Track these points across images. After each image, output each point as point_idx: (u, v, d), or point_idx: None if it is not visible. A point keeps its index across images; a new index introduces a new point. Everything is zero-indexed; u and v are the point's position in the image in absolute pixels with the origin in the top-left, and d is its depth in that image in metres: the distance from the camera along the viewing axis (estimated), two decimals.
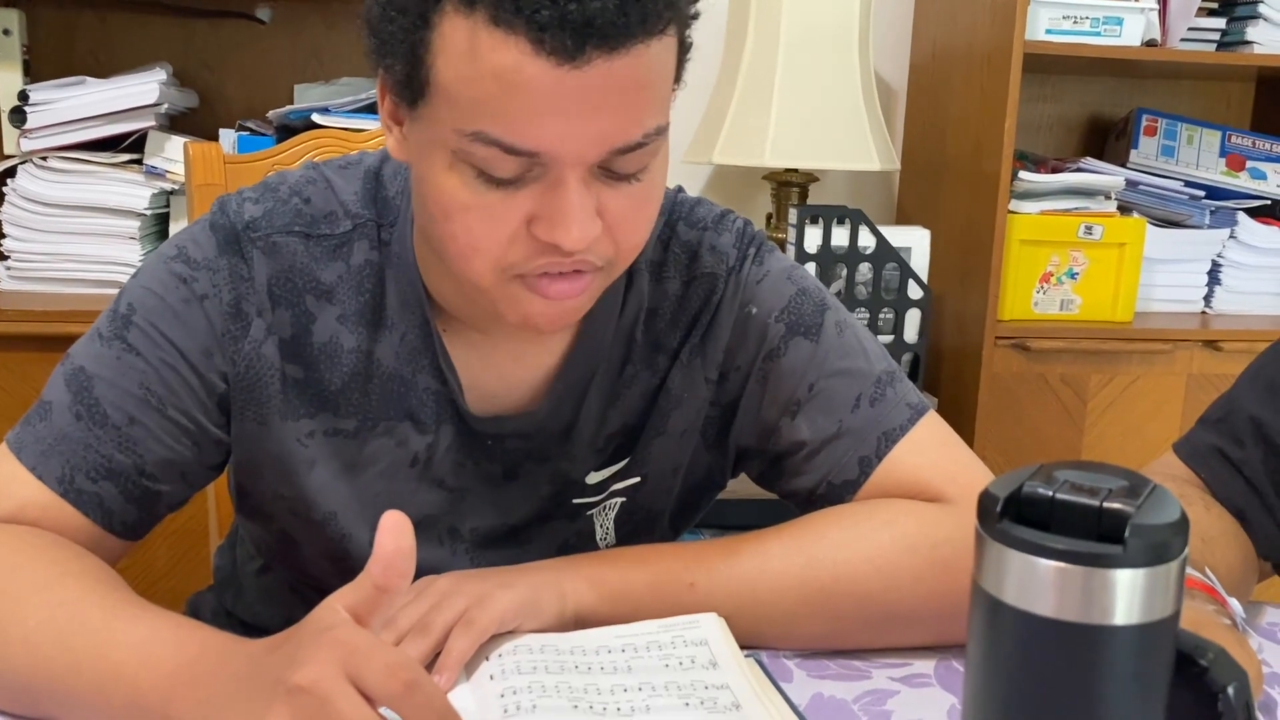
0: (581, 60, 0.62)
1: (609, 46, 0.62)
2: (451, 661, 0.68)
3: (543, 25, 0.61)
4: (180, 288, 0.76)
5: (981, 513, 0.46)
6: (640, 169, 0.68)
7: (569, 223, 0.66)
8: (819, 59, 1.91)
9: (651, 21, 0.63)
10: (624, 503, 0.87)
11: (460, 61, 0.64)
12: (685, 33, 0.69)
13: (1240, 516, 0.89)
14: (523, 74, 0.62)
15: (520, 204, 0.67)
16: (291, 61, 2.10)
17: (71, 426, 0.74)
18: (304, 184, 0.80)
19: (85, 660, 0.63)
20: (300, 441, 0.80)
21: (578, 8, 0.61)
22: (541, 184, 0.66)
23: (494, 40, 0.62)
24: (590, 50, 0.62)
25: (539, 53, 0.62)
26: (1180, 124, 2.23)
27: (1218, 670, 0.46)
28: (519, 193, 0.66)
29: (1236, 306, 2.16)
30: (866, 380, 0.83)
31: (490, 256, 0.68)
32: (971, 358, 2.00)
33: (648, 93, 0.66)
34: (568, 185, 0.66)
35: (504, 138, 0.64)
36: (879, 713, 0.71)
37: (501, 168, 0.65)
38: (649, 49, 0.64)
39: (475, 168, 0.66)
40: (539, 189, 0.66)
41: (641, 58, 0.64)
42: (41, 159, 1.78)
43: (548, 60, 0.62)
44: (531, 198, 0.67)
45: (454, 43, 0.64)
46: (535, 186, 0.66)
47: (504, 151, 0.64)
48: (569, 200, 0.66)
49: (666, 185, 0.88)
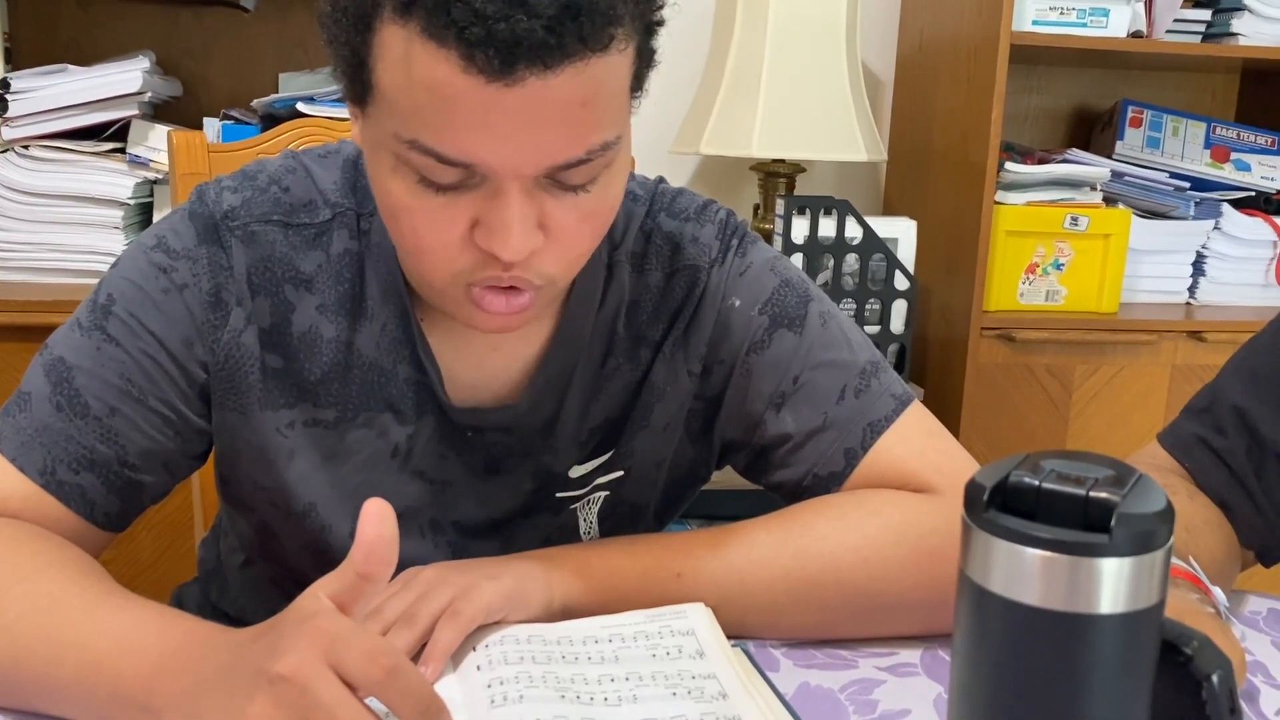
0: (512, 79, 0.60)
1: (542, 64, 0.60)
2: (438, 652, 0.68)
3: (472, 42, 0.59)
4: (160, 277, 0.75)
5: (968, 502, 0.46)
6: (589, 180, 0.67)
7: (508, 233, 0.65)
8: (806, 50, 1.91)
9: (592, 39, 0.61)
10: (608, 496, 0.87)
11: (396, 70, 0.63)
12: (648, 41, 0.68)
13: (1224, 506, 0.90)
14: (454, 88, 0.61)
15: (462, 209, 0.66)
16: (276, 50, 2.09)
17: (52, 417, 0.74)
18: (283, 173, 0.80)
19: (67, 651, 0.63)
20: (280, 431, 0.79)
21: (506, 26, 0.59)
22: (483, 191, 0.65)
23: (427, 52, 0.61)
24: (521, 69, 0.60)
25: (468, 69, 0.60)
26: (1165, 115, 2.24)
27: (1202, 659, 0.46)
28: (461, 198, 0.66)
29: (1220, 297, 2.17)
30: (851, 371, 0.83)
31: (437, 258, 0.68)
32: (957, 348, 2.00)
33: (590, 108, 0.64)
34: (508, 196, 0.65)
35: (437, 148, 0.63)
36: (865, 702, 0.71)
37: (440, 175, 0.65)
38: (590, 65, 0.62)
39: (416, 172, 0.65)
40: (481, 195, 0.66)
41: (582, 75, 0.62)
42: (23, 148, 1.77)
43: (478, 77, 0.60)
44: (474, 204, 0.66)
45: (391, 50, 0.63)
46: (477, 193, 0.65)
47: (439, 161, 0.64)
48: (508, 211, 0.65)
49: (647, 176, 0.88)
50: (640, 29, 0.66)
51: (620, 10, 0.63)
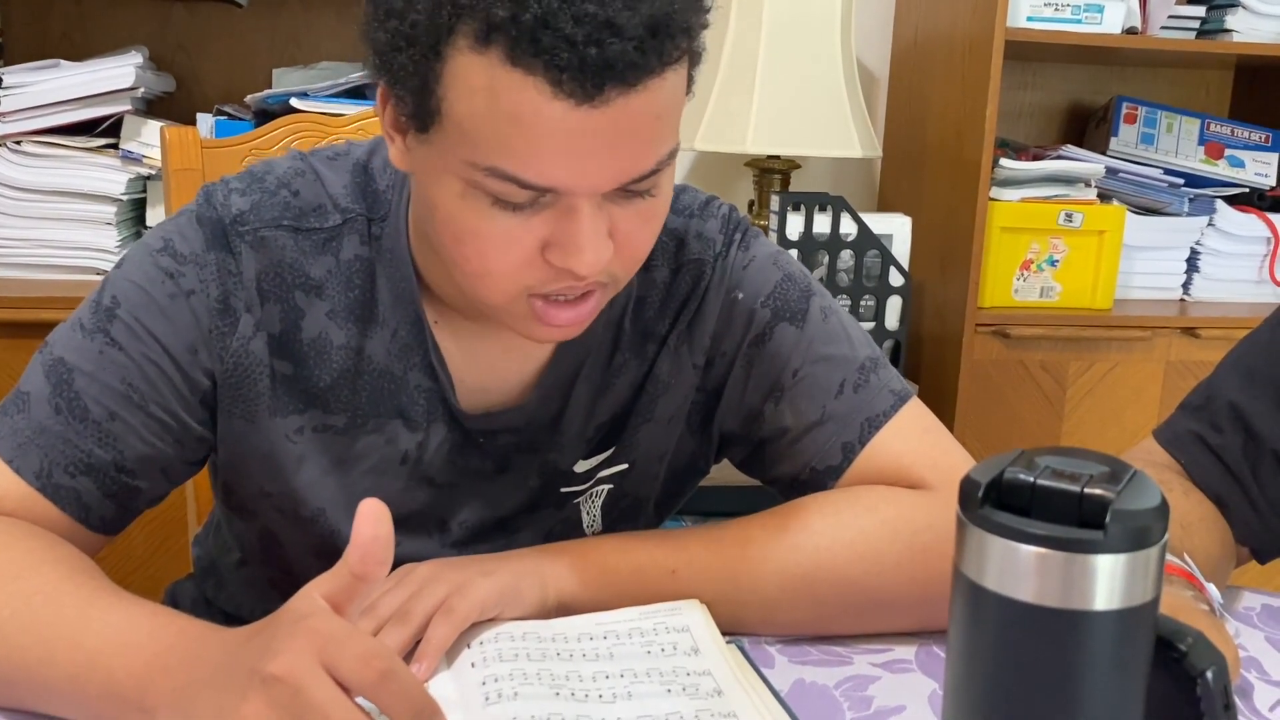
0: (600, 101, 0.61)
1: (628, 84, 0.61)
2: (431, 649, 0.68)
3: (561, 67, 0.59)
4: (167, 282, 0.74)
5: (963, 498, 0.46)
6: (653, 186, 0.68)
7: (583, 250, 0.65)
8: (801, 46, 1.91)
9: (669, 55, 0.62)
10: (610, 489, 0.87)
11: (474, 98, 0.62)
12: (695, 44, 0.68)
13: (1219, 502, 0.90)
14: (540, 115, 0.61)
15: (534, 229, 0.66)
16: (270, 45, 2.08)
17: (50, 419, 0.73)
18: (292, 175, 0.79)
19: (60, 649, 0.63)
20: (289, 438, 0.79)
21: (598, 52, 0.59)
22: (555, 210, 0.66)
23: (510, 80, 0.61)
24: (609, 90, 0.61)
25: (557, 94, 0.60)
26: (1160, 112, 2.24)
27: (1196, 655, 0.46)
28: (533, 218, 0.66)
29: (1214, 294, 2.17)
30: (850, 366, 0.83)
31: (504, 279, 0.68)
32: (952, 344, 2.00)
33: (663, 121, 0.65)
34: (581, 213, 0.65)
35: (520, 174, 0.63)
36: (860, 698, 0.71)
37: (516, 197, 0.65)
38: (664, 80, 0.63)
39: (490, 195, 0.65)
40: (553, 215, 0.66)
41: (658, 90, 0.63)
42: (15, 143, 1.76)
43: (566, 101, 0.60)
44: (545, 223, 0.66)
45: (467, 79, 0.62)
46: (549, 212, 0.66)
47: (520, 187, 0.64)
48: (583, 228, 0.65)
49: None
50: (696, 36, 0.67)
51: (693, 21, 0.64)
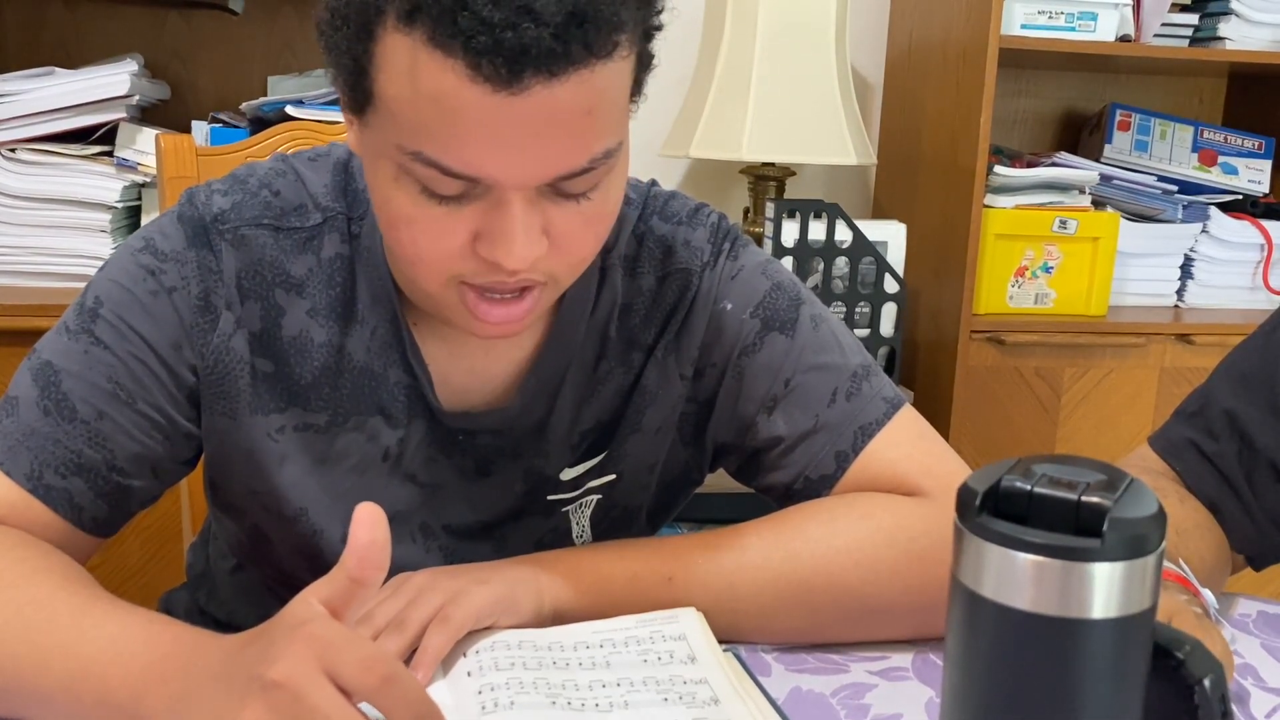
0: (519, 88, 0.60)
1: (549, 73, 0.60)
2: (428, 658, 0.68)
3: (479, 50, 0.59)
4: (148, 280, 0.75)
5: (960, 507, 0.46)
6: (591, 188, 0.67)
7: (511, 244, 0.65)
8: (796, 53, 1.91)
9: (597, 46, 0.61)
10: (600, 500, 0.87)
11: (400, 80, 0.62)
12: (647, 46, 0.67)
13: (1214, 509, 0.90)
14: (460, 99, 0.60)
15: (465, 220, 0.66)
16: (265, 53, 2.08)
17: (39, 421, 0.73)
18: (273, 176, 0.79)
19: (54, 658, 0.62)
20: (270, 436, 0.79)
21: (514, 35, 0.58)
22: (485, 201, 0.65)
23: (432, 62, 0.60)
24: (529, 78, 0.60)
25: (475, 79, 0.60)
26: (1153, 119, 2.25)
27: (1194, 663, 0.46)
28: (463, 209, 0.66)
29: (1208, 300, 2.18)
30: (842, 375, 0.83)
31: (436, 267, 0.68)
32: (947, 351, 2.01)
33: (594, 117, 0.63)
34: (511, 206, 0.64)
35: (442, 160, 0.63)
36: (857, 706, 0.71)
37: (443, 186, 0.64)
38: (595, 73, 0.62)
39: (419, 183, 0.65)
40: (483, 206, 0.65)
41: (586, 83, 0.62)
42: (10, 151, 1.75)
43: (484, 86, 0.60)
44: (476, 214, 0.66)
45: (394, 60, 0.62)
46: (480, 204, 0.65)
47: (443, 174, 0.64)
48: (512, 222, 0.65)
49: (640, 179, 0.88)
50: (641, 34, 0.66)
51: (624, 16, 0.63)
